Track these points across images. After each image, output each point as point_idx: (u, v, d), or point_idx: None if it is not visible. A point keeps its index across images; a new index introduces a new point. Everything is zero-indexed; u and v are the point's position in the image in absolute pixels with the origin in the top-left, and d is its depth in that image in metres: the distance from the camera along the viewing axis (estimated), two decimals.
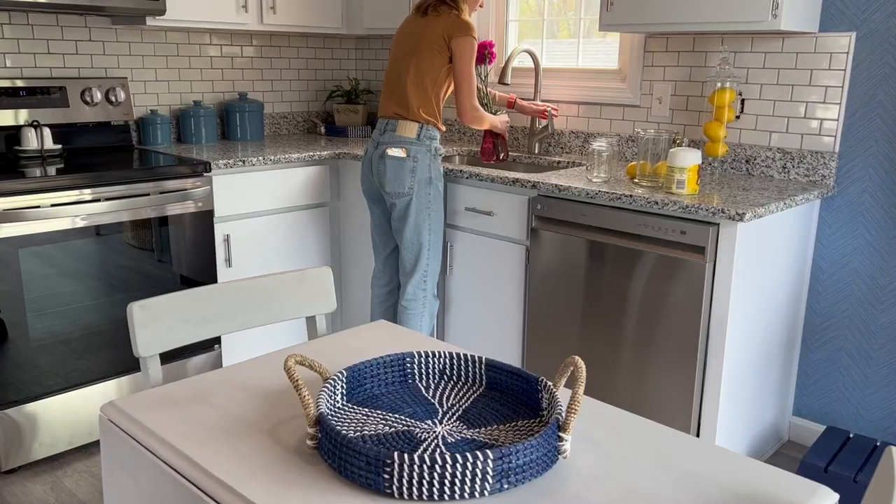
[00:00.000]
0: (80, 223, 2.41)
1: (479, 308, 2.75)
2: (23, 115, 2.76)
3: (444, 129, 2.65)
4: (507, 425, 1.09)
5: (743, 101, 2.62)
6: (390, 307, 2.88)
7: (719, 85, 2.51)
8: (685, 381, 2.22)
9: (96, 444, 2.59)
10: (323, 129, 3.69)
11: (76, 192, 2.39)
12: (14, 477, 2.38)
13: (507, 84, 2.95)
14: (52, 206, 2.34)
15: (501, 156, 2.90)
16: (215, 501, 0.95)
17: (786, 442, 2.69)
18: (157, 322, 1.36)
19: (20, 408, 2.37)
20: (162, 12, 2.75)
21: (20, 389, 2.37)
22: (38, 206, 2.31)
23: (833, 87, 2.42)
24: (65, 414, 2.47)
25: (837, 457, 2.29)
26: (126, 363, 2.60)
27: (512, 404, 1.16)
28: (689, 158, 2.21)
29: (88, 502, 2.25)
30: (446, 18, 2.52)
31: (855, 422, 2.54)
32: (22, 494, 2.28)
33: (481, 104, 2.96)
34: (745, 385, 2.32)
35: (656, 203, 2.17)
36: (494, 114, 2.86)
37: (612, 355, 2.38)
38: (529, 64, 3.24)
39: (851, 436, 2.43)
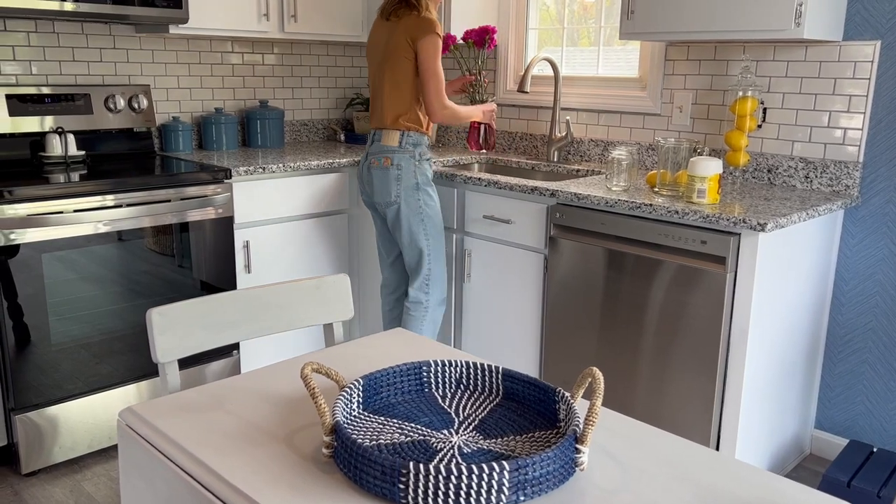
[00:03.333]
0: (103, 228, 2.43)
1: (497, 316, 2.75)
2: (48, 122, 2.80)
3: (430, 133, 2.66)
4: (524, 436, 1.08)
5: (765, 109, 2.60)
6: (399, 315, 2.88)
7: (741, 94, 2.49)
8: (705, 392, 2.19)
9: (116, 447, 2.61)
10: (342, 137, 3.70)
11: (99, 197, 2.41)
12: (34, 480, 2.40)
13: (527, 92, 2.95)
14: (75, 211, 2.36)
15: (488, 143, 2.96)
16: None
17: (808, 455, 2.65)
18: (175, 328, 1.36)
19: (41, 411, 2.40)
20: (185, 20, 2.77)
21: (41, 393, 2.39)
22: (62, 212, 2.34)
23: (857, 97, 2.39)
24: (84, 418, 2.49)
25: (860, 471, 2.25)
26: (146, 368, 2.62)
27: (529, 415, 1.15)
28: (710, 167, 2.20)
29: None
30: (407, 21, 2.51)
31: (879, 436, 2.50)
32: (42, 497, 2.30)
33: (475, 93, 2.99)
34: (766, 397, 2.29)
35: (676, 212, 2.15)
36: (483, 101, 2.83)
37: (630, 365, 2.36)
38: (549, 72, 3.23)
39: (875, 450, 2.39)
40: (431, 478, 0.89)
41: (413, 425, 1.10)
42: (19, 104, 2.73)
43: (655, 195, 2.35)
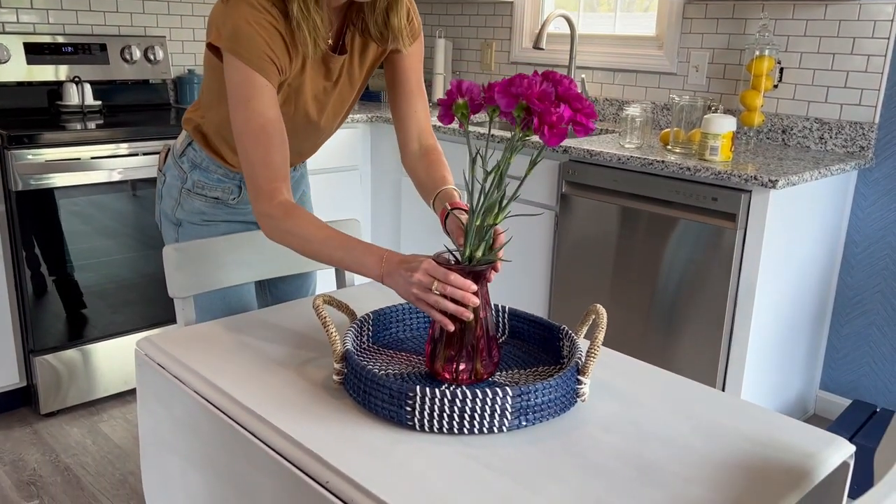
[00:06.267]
0: (117, 176, 2.46)
1: (505, 274, 2.77)
2: (64, 71, 2.82)
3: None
4: (528, 370, 1.11)
5: (781, 69, 2.58)
6: None
7: (758, 53, 2.47)
8: (711, 349, 2.22)
9: (131, 392, 2.67)
10: None
11: (114, 145, 2.44)
12: (52, 420, 2.47)
13: (542, 49, 2.93)
14: (92, 158, 2.39)
15: (471, 367, 1.05)
16: (245, 429, 0.98)
17: (811, 416, 2.68)
18: (191, 265, 1.39)
19: (59, 354, 2.46)
20: None
21: (58, 337, 2.45)
22: (79, 159, 2.37)
23: (875, 56, 2.37)
24: (100, 362, 2.55)
25: (863, 429, 2.27)
26: (160, 315, 2.67)
27: (533, 352, 1.18)
28: (723, 125, 2.19)
29: (124, 446, 2.33)
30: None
31: (883, 396, 2.52)
32: (60, 436, 2.37)
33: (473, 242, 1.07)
34: (771, 356, 2.32)
35: (688, 169, 2.16)
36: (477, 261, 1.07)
37: (639, 322, 2.38)
38: (565, 30, 3.21)
39: (878, 409, 2.42)
40: (437, 401, 0.92)
41: (421, 358, 1.13)
42: (36, 53, 2.75)
43: (668, 153, 2.35)
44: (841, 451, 0.95)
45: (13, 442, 2.33)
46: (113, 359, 2.58)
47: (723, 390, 2.23)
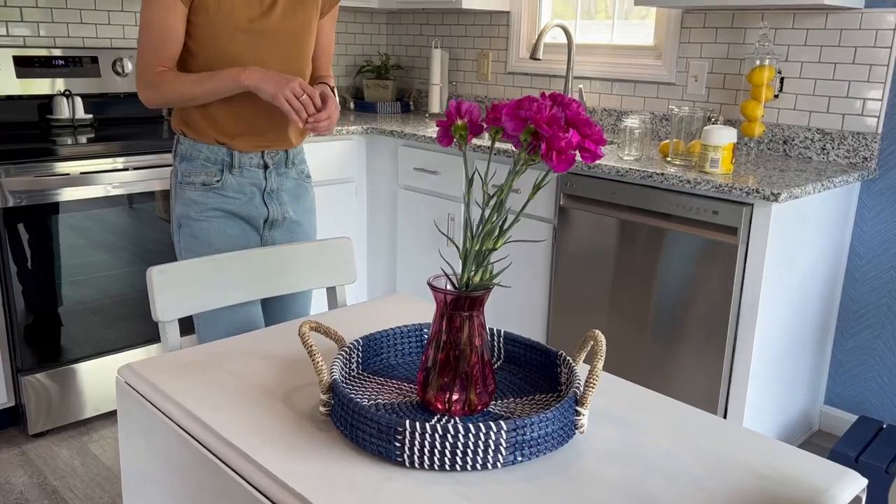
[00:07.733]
0: (112, 191, 2.42)
1: (502, 288, 2.72)
2: (55, 85, 2.78)
3: (226, 138, 1.65)
4: (524, 399, 1.07)
5: (782, 79, 2.54)
6: None
7: (758, 62, 2.43)
8: (713, 365, 2.17)
9: None
10: (352, 105, 3.67)
11: (107, 160, 2.40)
12: (41, 441, 2.42)
13: (539, 59, 2.89)
14: (82, 173, 2.35)
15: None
16: (228, 466, 0.94)
17: (816, 431, 2.63)
18: (176, 287, 1.35)
19: (48, 373, 2.41)
20: None
21: (48, 355, 2.40)
22: (69, 174, 2.33)
23: (878, 66, 2.33)
24: (91, 380, 2.50)
25: (869, 447, 2.22)
26: (154, 332, 2.62)
27: (530, 378, 1.13)
28: (723, 136, 2.15)
29: (113, 467, 2.28)
30: None
31: (889, 412, 2.47)
32: (48, 458, 2.32)
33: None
34: (774, 371, 2.27)
35: (689, 182, 2.12)
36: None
37: (639, 338, 2.34)
38: (563, 40, 3.17)
39: (884, 426, 2.37)
40: (428, 436, 0.87)
41: (412, 386, 1.09)
42: (27, 66, 2.71)
43: (668, 165, 2.31)
44: (853, 485, 0.91)
45: (0, 464, 2.28)
46: (104, 377, 2.53)
47: (725, 406, 2.18)
